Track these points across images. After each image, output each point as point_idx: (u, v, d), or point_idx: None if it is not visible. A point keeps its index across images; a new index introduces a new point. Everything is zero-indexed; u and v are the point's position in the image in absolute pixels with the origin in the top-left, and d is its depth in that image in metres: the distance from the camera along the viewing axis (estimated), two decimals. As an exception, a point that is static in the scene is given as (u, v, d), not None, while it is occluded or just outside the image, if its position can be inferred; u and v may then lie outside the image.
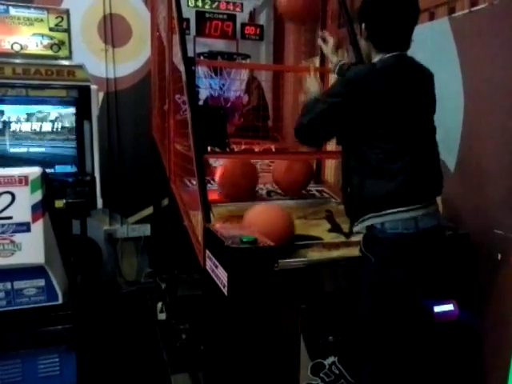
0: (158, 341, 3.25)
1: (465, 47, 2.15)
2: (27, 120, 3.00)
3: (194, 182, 2.54)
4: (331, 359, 1.89)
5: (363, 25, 1.77)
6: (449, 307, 1.82)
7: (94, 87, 3.01)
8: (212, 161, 2.86)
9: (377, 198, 1.68)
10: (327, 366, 1.89)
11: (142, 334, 3.38)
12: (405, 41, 1.74)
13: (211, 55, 3.58)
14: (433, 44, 2.30)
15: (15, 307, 2.33)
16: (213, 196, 2.55)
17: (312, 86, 2.03)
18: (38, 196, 2.24)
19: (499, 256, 1.98)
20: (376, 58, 1.76)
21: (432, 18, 2.45)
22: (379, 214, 1.68)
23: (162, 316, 3.47)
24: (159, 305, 3.53)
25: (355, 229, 1.80)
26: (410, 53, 1.79)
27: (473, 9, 2.15)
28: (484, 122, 2.07)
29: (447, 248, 1.81)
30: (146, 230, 4.26)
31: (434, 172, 1.77)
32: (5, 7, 2.97)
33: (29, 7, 3.07)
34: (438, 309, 1.79)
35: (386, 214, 1.66)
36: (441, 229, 1.78)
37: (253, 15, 3.95)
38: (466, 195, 1.81)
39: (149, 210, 4.25)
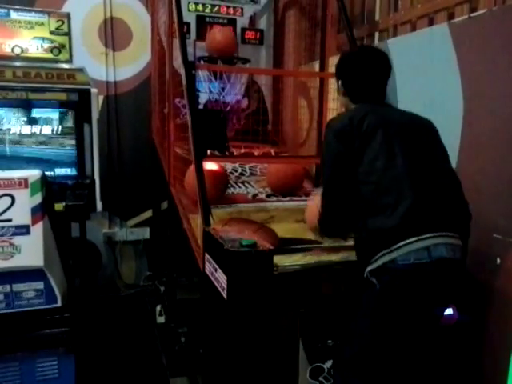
0: (157, 344, 3.25)
1: (464, 53, 2.16)
2: (27, 123, 3.01)
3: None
4: (330, 363, 1.88)
5: (340, 82, 1.93)
6: (448, 311, 1.82)
7: (94, 90, 3.02)
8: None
9: (383, 232, 1.63)
10: (326, 370, 1.88)
11: (140, 338, 3.38)
12: (379, 94, 1.88)
13: (211, 59, 3.59)
14: (432, 49, 2.32)
15: (14, 310, 2.33)
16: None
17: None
18: (38, 199, 2.24)
19: (498, 260, 1.99)
20: None
21: (431, 23, 2.46)
22: (390, 250, 1.61)
23: (161, 319, 3.47)
24: (158, 308, 3.53)
25: (367, 271, 1.71)
26: (409, 58, 1.81)
27: (472, 15, 2.16)
28: (484, 127, 2.07)
29: (463, 284, 1.75)
30: (145, 233, 4.26)
31: (447, 202, 1.71)
32: (6, 11, 2.99)
33: (30, 11, 3.08)
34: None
35: (397, 248, 1.60)
36: (459, 262, 1.70)
37: (253, 20, 3.95)
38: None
39: (148, 214, 4.26)
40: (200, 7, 3.70)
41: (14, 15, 3.00)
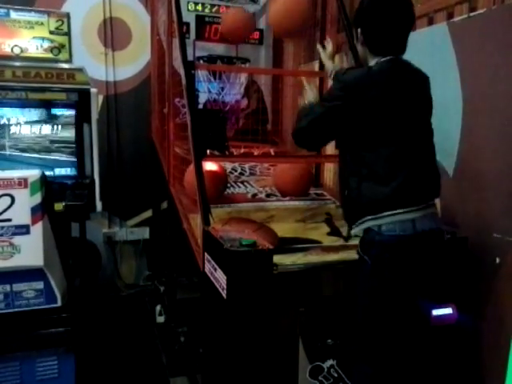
0: (157, 344, 3.25)
1: (463, 52, 2.16)
2: (27, 123, 3.01)
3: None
4: (330, 362, 1.89)
5: (359, 30, 1.80)
6: (447, 311, 1.82)
7: (93, 90, 3.01)
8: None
9: (374, 200, 1.69)
10: (326, 369, 1.89)
11: (140, 337, 3.38)
12: (400, 45, 1.78)
13: (211, 59, 3.59)
14: (431, 49, 2.31)
15: (14, 309, 2.33)
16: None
17: (311, 96, 2.01)
18: (38, 198, 2.24)
19: (498, 260, 1.99)
20: (372, 63, 1.79)
21: (431, 22, 2.46)
22: (376, 217, 1.69)
23: (161, 319, 3.47)
24: (158, 308, 3.53)
25: (353, 232, 1.82)
26: (408, 57, 1.81)
27: (471, 14, 2.16)
28: (483, 126, 2.07)
29: (445, 251, 1.80)
30: (145, 233, 4.26)
31: (430, 174, 1.78)
32: (5, 10, 2.98)
33: (29, 10, 3.07)
34: (436, 312, 1.80)
35: (382, 216, 1.67)
36: (439, 232, 1.78)
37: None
38: (464, 199, 1.82)
39: (148, 213, 4.25)
40: (200, 7, 3.71)
41: (13, 15, 2.99)
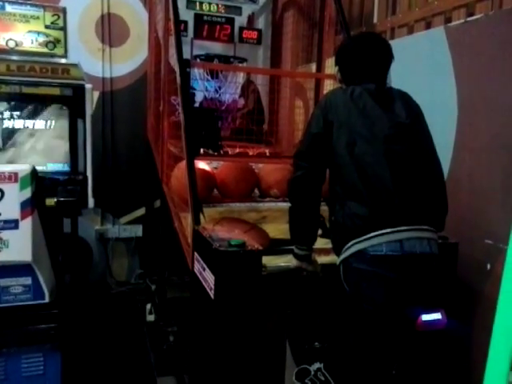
0: (146, 342, 3.23)
1: (460, 57, 2.16)
2: (20, 117, 2.99)
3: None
4: (317, 365, 1.87)
5: (336, 68, 1.90)
6: (437, 316, 1.81)
7: (88, 86, 2.99)
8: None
9: (357, 221, 1.60)
10: (312, 372, 1.87)
11: (130, 335, 3.36)
12: (374, 80, 1.78)
13: (208, 58, 3.58)
14: (428, 53, 2.31)
15: (1, 305, 2.30)
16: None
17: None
18: (28, 193, 2.22)
19: (488, 266, 1.98)
20: None
21: (428, 27, 2.45)
22: (362, 239, 1.59)
23: (151, 318, 3.45)
24: (148, 306, 3.51)
25: (341, 258, 1.69)
26: (405, 61, 1.80)
27: (469, 19, 2.16)
28: (477, 132, 2.07)
29: (436, 279, 1.71)
30: (137, 230, 4.25)
31: (425, 195, 1.66)
32: (1, 3, 2.97)
33: (25, 4, 3.05)
34: (425, 318, 1.78)
35: (368, 238, 1.58)
36: (432, 258, 1.66)
37: (251, 19, 3.95)
38: (456, 205, 1.80)
39: (141, 211, 4.24)
40: (197, 6, 3.69)
41: (8, 8, 2.97)
